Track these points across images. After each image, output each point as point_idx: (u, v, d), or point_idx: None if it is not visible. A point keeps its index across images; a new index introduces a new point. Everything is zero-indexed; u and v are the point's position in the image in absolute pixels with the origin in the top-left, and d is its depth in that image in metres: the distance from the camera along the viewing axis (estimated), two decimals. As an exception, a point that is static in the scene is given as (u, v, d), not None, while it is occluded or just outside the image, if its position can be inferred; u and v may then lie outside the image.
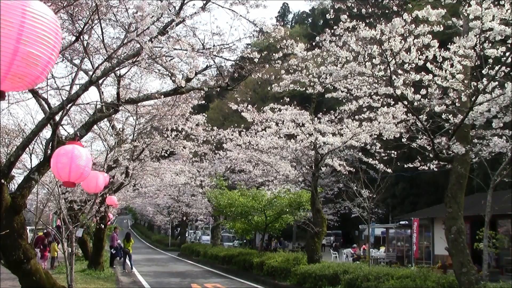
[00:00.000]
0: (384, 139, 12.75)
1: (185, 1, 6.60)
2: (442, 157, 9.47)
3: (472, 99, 8.17)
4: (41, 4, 2.48)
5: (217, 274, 19.06)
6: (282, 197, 18.83)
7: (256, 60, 7.77)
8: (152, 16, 6.23)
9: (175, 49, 6.91)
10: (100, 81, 8.54)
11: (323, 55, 9.24)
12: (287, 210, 18.86)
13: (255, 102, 21.96)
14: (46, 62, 2.54)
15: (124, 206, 36.22)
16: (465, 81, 8.38)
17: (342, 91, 10.80)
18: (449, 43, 8.14)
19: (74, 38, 7.14)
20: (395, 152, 14.27)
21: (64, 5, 6.36)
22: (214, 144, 18.64)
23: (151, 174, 17.84)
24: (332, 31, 8.66)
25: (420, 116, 9.24)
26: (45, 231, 18.27)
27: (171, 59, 7.93)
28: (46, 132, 10.19)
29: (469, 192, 16.53)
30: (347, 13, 8.22)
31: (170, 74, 8.14)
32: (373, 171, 17.10)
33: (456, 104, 9.12)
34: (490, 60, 8.21)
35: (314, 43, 9.29)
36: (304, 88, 10.92)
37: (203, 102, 13.26)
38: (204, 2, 6.56)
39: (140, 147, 13.65)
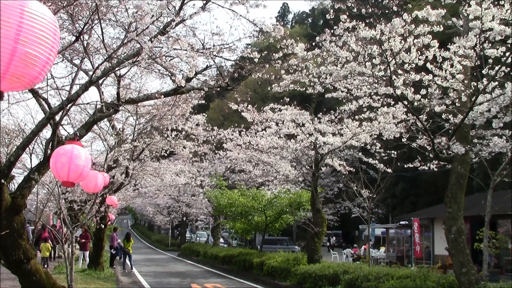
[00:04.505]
0: (384, 139, 12.75)
1: (185, 1, 6.60)
2: (442, 157, 9.47)
3: (472, 99, 8.18)
4: (39, 4, 2.48)
5: (217, 274, 19.06)
6: (282, 197, 18.82)
7: (256, 60, 7.76)
8: (152, 16, 6.23)
9: (175, 49, 6.91)
10: (100, 81, 8.54)
11: (323, 55, 9.24)
12: (287, 210, 18.86)
13: (255, 102, 21.96)
14: (45, 63, 2.54)
15: (124, 206, 36.17)
16: (465, 81, 8.39)
17: (342, 91, 10.79)
18: (449, 43, 8.14)
19: (74, 38, 7.14)
20: (395, 152, 14.27)
21: (64, 5, 6.36)
22: (214, 144, 18.62)
23: (151, 174, 17.82)
24: (332, 31, 8.66)
25: (420, 116, 9.24)
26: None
27: (171, 59, 7.93)
28: (46, 132, 10.20)
29: (469, 192, 16.53)
30: (347, 13, 8.22)
31: (170, 74, 8.15)
32: (373, 171, 17.11)
33: (456, 104, 9.12)
34: (490, 60, 8.21)
35: (314, 43, 9.29)
36: (304, 88, 10.91)
37: (203, 102, 13.25)
38: (204, 2, 6.56)
39: (140, 147, 13.65)
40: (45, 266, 17.85)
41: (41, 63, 2.51)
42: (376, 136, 13.40)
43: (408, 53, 8.04)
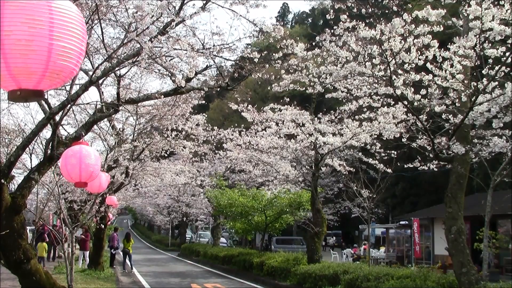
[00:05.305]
0: (384, 139, 12.75)
1: (185, 1, 6.60)
2: (442, 157, 9.47)
3: (472, 99, 8.17)
4: (64, 0, 2.53)
5: (217, 274, 19.06)
6: (282, 197, 18.82)
7: (256, 60, 7.75)
8: (152, 16, 6.22)
9: (175, 49, 6.90)
10: (100, 81, 8.53)
11: (323, 55, 9.24)
12: (287, 210, 18.86)
13: (255, 102, 21.93)
14: (79, 54, 2.60)
15: (124, 206, 36.16)
16: (465, 81, 8.38)
17: (342, 91, 10.79)
18: (449, 43, 8.14)
19: (74, 38, 7.11)
20: (395, 152, 14.27)
21: (64, 5, 6.35)
22: (214, 144, 18.62)
23: (151, 174, 17.82)
24: (332, 31, 8.65)
25: (420, 116, 9.24)
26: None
27: (171, 59, 7.93)
28: (46, 132, 10.19)
29: (469, 192, 16.52)
30: (347, 13, 8.22)
31: (170, 74, 8.14)
32: (373, 171, 17.10)
33: (456, 104, 9.12)
34: (490, 60, 8.21)
35: (314, 43, 9.29)
36: (304, 88, 10.91)
37: (203, 102, 13.24)
38: (204, 2, 6.56)
39: (140, 147, 13.64)
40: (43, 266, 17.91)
41: (76, 55, 2.57)
42: (376, 136, 13.40)
43: (408, 53, 8.03)
